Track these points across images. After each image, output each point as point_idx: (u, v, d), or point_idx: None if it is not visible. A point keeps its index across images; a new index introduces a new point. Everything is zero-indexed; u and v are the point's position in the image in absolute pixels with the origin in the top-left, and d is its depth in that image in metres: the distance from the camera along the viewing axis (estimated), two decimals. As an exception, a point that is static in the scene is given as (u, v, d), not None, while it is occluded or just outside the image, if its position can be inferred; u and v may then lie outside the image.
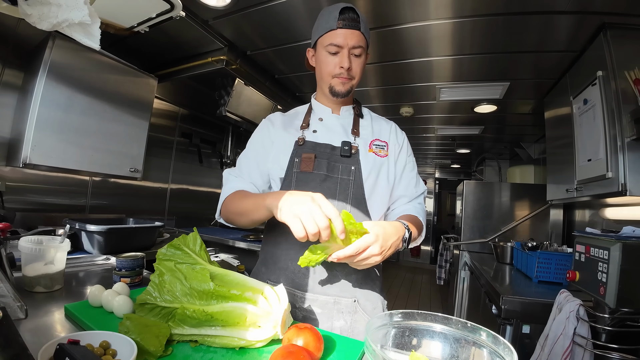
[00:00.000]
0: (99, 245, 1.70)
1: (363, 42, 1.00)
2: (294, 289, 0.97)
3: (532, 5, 1.61)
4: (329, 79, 1.03)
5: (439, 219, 8.59)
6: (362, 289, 1.00)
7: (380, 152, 1.08)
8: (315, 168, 1.01)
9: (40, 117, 1.76)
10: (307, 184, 1.00)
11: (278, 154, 1.06)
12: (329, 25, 0.99)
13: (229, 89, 2.70)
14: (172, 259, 0.75)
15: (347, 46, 0.98)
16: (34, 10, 1.02)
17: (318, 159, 1.01)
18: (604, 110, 1.66)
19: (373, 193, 1.04)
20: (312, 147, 1.04)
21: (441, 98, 2.88)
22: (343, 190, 1.00)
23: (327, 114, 1.12)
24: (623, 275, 1.11)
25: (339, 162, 1.02)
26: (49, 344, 0.52)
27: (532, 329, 1.61)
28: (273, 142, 1.09)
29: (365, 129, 1.11)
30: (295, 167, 1.02)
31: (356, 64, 1.01)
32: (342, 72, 0.99)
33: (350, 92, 1.05)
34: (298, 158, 1.03)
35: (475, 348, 0.62)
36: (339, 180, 1.01)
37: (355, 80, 1.04)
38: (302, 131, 1.08)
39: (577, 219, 3.01)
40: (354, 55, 1.00)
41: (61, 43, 1.81)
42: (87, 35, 1.12)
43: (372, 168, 1.03)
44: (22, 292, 0.92)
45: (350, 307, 0.96)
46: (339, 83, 1.02)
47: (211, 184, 3.69)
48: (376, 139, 1.10)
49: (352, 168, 1.01)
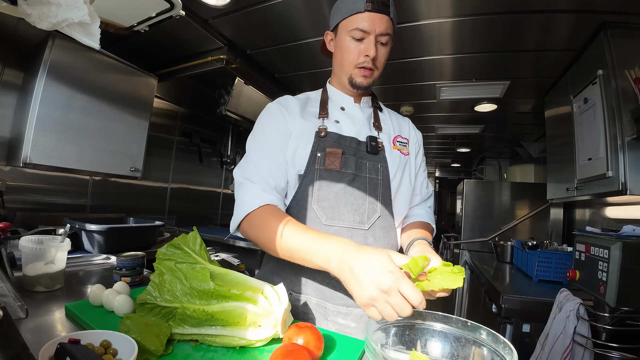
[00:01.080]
0: (99, 245, 1.70)
1: (391, 29, 0.89)
2: (324, 302, 0.87)
3: (532, 4, 1.61)
4: (351, 68, 0.92)
5: (439, 218, 8.58)
6: None
7: (404, 150, 1.01)
8: (343, 166, 0.89)
9: (40, 116, 1.76)
10: (333, 185, 0.88)
11: (296, 146, 0.90)
12: (355, 7, 0.86)
13: (229, 88, 2.70)
14: (172, 258, 0.75)
15: (374, 32, 0.86)
16: (34, 10, 1.02)
17: (345, 155, 0.90)
18: (604, 109, 1.66)
19: (398, 193, 0.97)
20: (337, 140, 0.91)
21: (441, 97, 2.88)
22: (372, 191, 0.91)
23: (349, 103, 1.00)
24: (623, 274, 1.11)
25: (366, 159, 0.92)
26: (50, 344, 0.52)
27: (532, 327, 1.61)
28: (291, 132, 0.92)
29: (386, 124, 1.03)
30: (318, 164, 0.88)
31: (382, 53, 0.90)
32: (367, 60, 0.88)
33: (371, 85, 0.96)
34: (321, 152, 0.89)
35: (475, 347, 0.62)
36: (368, 180, 0.91)
37: (378, 72, 0.94)
38: (322, 120, 0.94)
39: (577, 217, 3.01)
40: (380, 44, 0.89)
41: (61, 42, 1.81)
42: (87, 35, 1.12)
43: (398, 167, 0.96)
44: (22, 291, 0.92)
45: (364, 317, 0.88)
46: (360, 75, 0.91)
47: (211, 183, 3.69)
48: (398, 135, 1.02)
49: (380, 166, 0.93)
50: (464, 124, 3.68)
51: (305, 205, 0.89)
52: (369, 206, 0.90)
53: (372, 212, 0.90)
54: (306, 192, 0.90)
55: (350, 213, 0.88)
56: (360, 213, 0.89)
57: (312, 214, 0.89)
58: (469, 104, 3.01)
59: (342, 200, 0.88)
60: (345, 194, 0.89)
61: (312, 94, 1.04)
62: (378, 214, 0.91)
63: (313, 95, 1.04)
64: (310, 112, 0.97)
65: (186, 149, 3.32)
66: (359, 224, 0.89)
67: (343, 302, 0.87)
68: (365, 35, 0.87)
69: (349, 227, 0.89)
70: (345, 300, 0.87)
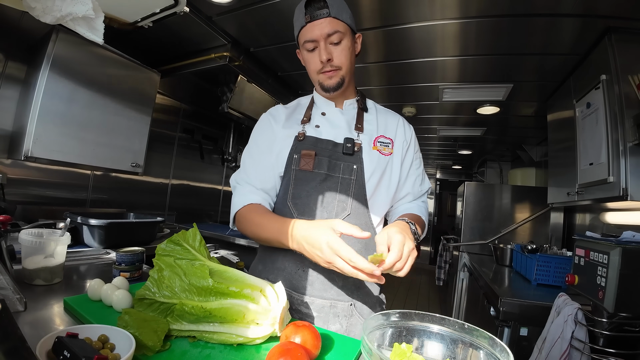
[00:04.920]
0: (99, 239, 1.71)
1: (339, 26, 0.92)
2: (291, 290, 0.94)
3: (537, 8, 1.61)
4: (316, 76, 0.99)
5: (439, 220, 8.59)
6: (360, 292, 0.97)
7: (385, 150, 1.02)
8: (316, 166, 0.96)
9: (43, 110, 1.77)
10: (306, 184, 0.96)
11: (279, 150, 1.01)
12: (299, 23, 0.95)
13: (232, 86, 2.70)
14: (172, 254, 0.76)
15: (321, 38, 0.92)
16: (38, 4, 1.02)
17: (319, 156, 0.96)
18: (607, 114, 1.65)
19: (375, 193, 0.99)
20: (313, 143, 0.98)
21: (444, 99, 2.87)
22: (344, 190, 0.96)
23: (330, 107, 1.06)
24: (622, 280, 1.10)
25: (340, 160, 0.97)
26: (48, 337, 0.53)
27: (530, 331, 1.61)
28: (276, 137, 1.03)
29: (370, 124, 1.06)
30: (294, 165, 0.97)
31: (338, 51, 0.94)
32: (324, 65, 0.94)
33: (343, 83, 0.99)
34: (297, 154, 0.97)
35: (472, 349, 0.62)
36: (340, 179, 0.96)
37: (343, 70, 0.97)
38: (303, 125, 1.02)
39: (577, 222, 3.00)
40: (332, 44, 0.93)
41: (64, 37, 1.81)
42: (90, 29, 1.12)
43: (375, 167, 0.99)
44: (21, 284, 0.93)
45: (346, 310, 0.94)
46: (325, 78, 0.97)
47: (212, 180, 3.69)
48: (381, 136, 1.04)
49: (355, 167, 0.97)
50: (466, 126, 3.67)
51: (284, 202, 0.99)
52: (338, 204, 0.95)
53: (341, 210, 0.95)
54: (284, 191, 1.00)
55: (319, 210, 0.95)
56: (328, 210, 0.95)
57: (287, 210, 0.98)
58: (471, 106, 3.01)
59: (313, 198, 0.96)
60: (315, 193, 0.96)
61: (303, 100, 1.14)
62: (348, 212, 0.95)
63: (304, 101, 1.13)
64: (296, 119, 1.06)
65: (187, 145, 3.32)
66: None
67: (307, 292, 0.94)
68: (315, 44, 0.94)
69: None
70: (309, 290, 0.94)
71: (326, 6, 0.91)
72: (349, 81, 1.03)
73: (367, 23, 1.89)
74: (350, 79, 1.04)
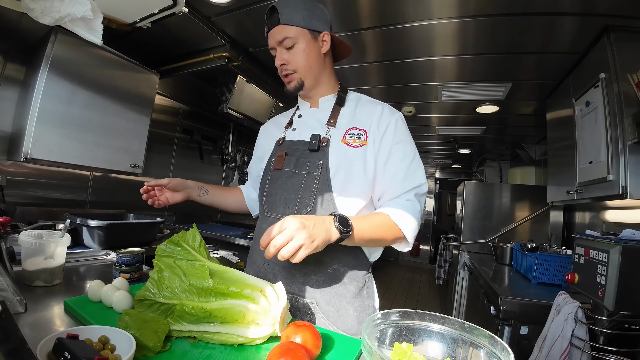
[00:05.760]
0: (99, 240, 1.70)
1: (289, 31, 0.95)
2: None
3: (536, 6, 1.60)
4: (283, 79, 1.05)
5: (438, 219, 8.59)
6: (323, 291, 0.95)
7: (354, 142, 0.97)
8: (285, 165, 1.01)
9: (42, 111, 1.76)
10: (275, 182, 1.03)
11: (262, 157, 1.15)
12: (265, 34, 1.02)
13: (231, 86, 2.70)
14: (172, 255, 0.76)
15: (276, 45, 0.98)
16: (37, 5, 1.02)
17: (288, 156, 1.02)
18: (606, 113, 1.66)
19: (345, 189, 0.95)
20: (288, 146, 1.06)
21: (443, 98, 2.87)
22: (307, 186, 0.95)
23: (306, 109, 1.12)
24: (622, 278, 1.10)
25: (307, 157, 0.98)
26: (48, 338, 0.53)
27: (530, 330, 1.61)
28: (264, 148, 1.17)
29: (344, 118, 1.03)
30: (270, 166, 1.06)
31: (290, 55, 0.98)
32: (282, 69, 1.01)
33: (302, 85, 1.01)
34: (274, 157, 1.06)
35: (472, 348, 0.62)
36: (305, 176, 0.96)
37: (299, 73, 0.99)
38: (285, 130, 1.12)
39: (577, 221, 3.01)
40: (286, 49, 0.98)
41: (63, 38, 1.81)
42: (89, 30, 1.12)
43: (342, 161, 0.95)
44: (21, 286, 0.93)
45: (307, 307, 0.93)
46: (286, 82, 1.04)
47: (212, 181, 3.68)
48: (353, 127, 0.99)
49: (320, 162, 0.96)
50: (465, 125, 3.67)
51: (260, 200, 1.08)
52: (300, 200, 0.97)
53: (302, 206, 0.96)
54: (261, 190, 1.08)
55: (282, 206, 1.00)
56: (290, 207, 0.98)
57: (261, 207, 1.07)
58: (470, 105, 3.01)
59: (279, 195, 1.01)
60: (281, 190, 1.01)
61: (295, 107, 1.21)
62: (309, 208, 0.96)
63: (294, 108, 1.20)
64: (282, 125, 1.16)
65: (187, 146, 3.32)
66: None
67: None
68: (274, 51, 1.01)
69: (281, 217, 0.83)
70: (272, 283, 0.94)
71: (276, 14, 0.96)
72: (314, 81, 1.03)
73: (366, 23, 1.89)
74: (316, 79, 1.03)
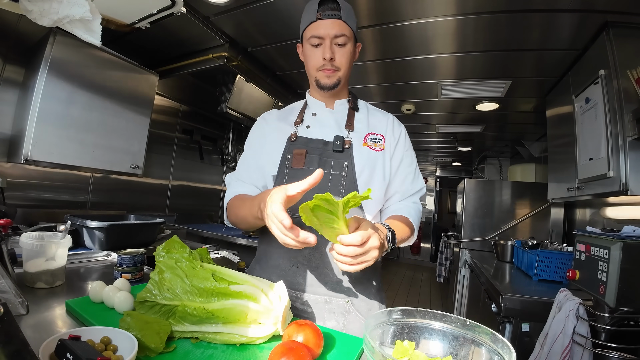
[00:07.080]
0: (100, 242, 1.71)
1: (346, 30, 0.97)
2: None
3: (535, 3, 1.60)
4: (315, 72, 1.02)
5: (439, 217, 8.59)
6: (357, 289, 0.98)
7: (376, 146, 1.04)
8: (307, 164, 0.98)
9: (41, 113, 1.77)
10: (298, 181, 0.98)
11: (271, 151, 1.05)
12: (309, 18, 0.98)
13: (230, 86, 2.70)
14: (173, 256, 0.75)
15: (328, 37, 0.96)
16: (35, 7, 1.02)
17: (309, 154, 0.99)
18: (606, 109, 1.65)
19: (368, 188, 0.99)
20: (304, 143, 1.02)
21: (443, 96, 2.87)
22: (335, 186, 0.97)
23: (320, 108, 1.10)
24: (623, 274, 1.10)
25: (331, 157, 0.99)
26: (50, 340, 0.53)
27: (531, 327, 1.61)
28: (266, 140, 1.09)
29: (360, 123, 1.07)
30: (287, 164, 1.01)
31: (340, 53, 0.98)
32: (326, 63, 0.98)
33: (339, 84, 1.02)
34: (290, 154, 1.01)
35: (474, 346, 0.62)
36: (331, 176, 0.98)
37: (341, 72, 1.01)
38: (296, 127, 1.07)
39: (577, 217, 3.00)
40: (337, 45, 0.97)
41: (62, 39, 1.81)
42: (88, 32, 1.12)
43: (366, 163, 1.00)
44: (23, 287, 0.93)
45: (342, 307, 0.94)
46: (323, 76, 1.00)
47: (212, 181, 3.69)
48: (371, 132, 1.05)
49: (345, 163, 0.98)
50: (465, 123, 3.67)
51: None
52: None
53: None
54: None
55: None
56: None
57: None
58: (470, 103, 3.01)
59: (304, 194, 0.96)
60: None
61: (297, 104, 1.17)
62: None
63: (297, 105, 1.16)
64: (289, 121, 1.10)
65: (187, 146, 3.32)
66: None
67: (302, 288, 0.96)
68: (321, 40, 0.97)
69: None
70: (303, 287, 0.96)
71: (338, 9, 0.96)
72: (344, 83, 1.06)
73: (365, 21, 1.88)
74: (345, 82, 1.07)
